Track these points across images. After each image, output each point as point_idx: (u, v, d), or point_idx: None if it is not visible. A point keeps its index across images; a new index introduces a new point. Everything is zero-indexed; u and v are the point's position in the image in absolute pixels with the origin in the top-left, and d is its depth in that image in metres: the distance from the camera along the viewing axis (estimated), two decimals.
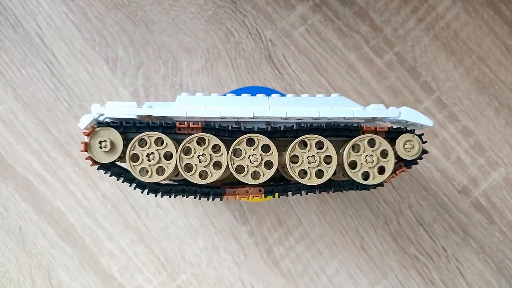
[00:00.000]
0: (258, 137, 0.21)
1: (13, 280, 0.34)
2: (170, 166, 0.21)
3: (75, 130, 0.34)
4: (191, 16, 0.35)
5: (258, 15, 0.35)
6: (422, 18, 0.36)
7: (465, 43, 0.36)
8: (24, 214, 0.34)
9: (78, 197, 0.34)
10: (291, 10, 0.35)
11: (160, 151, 0.21)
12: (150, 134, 0.21)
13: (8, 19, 0.35)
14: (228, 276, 0.34)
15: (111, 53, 0.35)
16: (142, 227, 0.34)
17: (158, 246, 0.34)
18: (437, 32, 0.36)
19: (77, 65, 0.35)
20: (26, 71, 0.35)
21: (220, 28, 0.35)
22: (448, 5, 0.36)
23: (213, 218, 0.35)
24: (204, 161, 0.21)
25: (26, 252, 0.34)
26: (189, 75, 0.35)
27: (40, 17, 0.35)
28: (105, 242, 0.34)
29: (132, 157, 0.21)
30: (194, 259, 0.34)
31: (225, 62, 0.35)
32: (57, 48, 0.35)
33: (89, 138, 0.21)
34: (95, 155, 0.21)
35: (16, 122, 0.34)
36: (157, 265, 0.34)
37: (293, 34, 0.35)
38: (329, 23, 0.35)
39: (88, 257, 0.34)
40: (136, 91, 0.35)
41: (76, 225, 0.34)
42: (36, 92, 0.35)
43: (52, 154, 0.34)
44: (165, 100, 0.35)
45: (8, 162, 0.34)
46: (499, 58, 0.35)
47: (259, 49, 0.35)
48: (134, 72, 0.35)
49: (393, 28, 0.36)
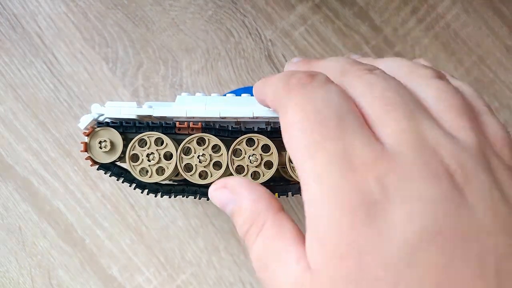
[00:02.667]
0: (258, 137, 0.21)
1: (13, 280, 0.34)
2: (170, 166, 0.21)
3: (75, 130, 0.34)
4: (191, 16, 0.35)
5: (258, 15, 0.35)
6: (422, 18, 0.36)
7: (465, 43, 0.36)
8: (24, 214, 0.34)
9: (78, 197, 0.34)
10: (291, 11, 0.35)
11: (160, 151, 0.21)
12: (150, 134, 0.21)
13: (8, 19, 0.35)
14: (228, 276, 0.34)
15: (111, 53, 0.35)
16: (142, 227, 0.34)
17: (158, 246, 0.34)
18: (437, 32, 0.36)
19: (77, 65, 0.35)
20: (26, 71, 0.35)
21: (220, 28, 0.35)
22: (448, 6, 0.36)
23: (213, 218, 0.35)
24: (204, 161, 0.21)
25: (26, 252, 0.34)
26: (189, 75, 0.35)
27: (40, 17, 0.35)
28: (105, 242, 0.34)
29: (132, 157, 0.21)
30: (194, 259, 0.34)
31: (225, 62, 0.35)
32: (57, 48, 0.35)
33: (89, 138, 0.21)
34: (95, 155, 0.21)
35: (16, 122, 0.34)
36: (157, 265, 0.34)
37: (293, 34, 0.35)
38: (329, 23, 0.35)
39: (88, 257, 0.34)
40: (136, 91, 0.35)
41: (76, 225, 0.34)
42: (36, 92, 0.35)
43: (52, 154, 0.34)
44: (165, 100, 0.35)
45: (8, 162, 0.34)
46: (499, 58, 0.35)
47: (259, 49, 0.35)
48: (134, 72, 0.35)
49: (393, 28, 0.36)
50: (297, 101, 0.14)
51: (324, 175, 0.12)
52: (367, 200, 0.12)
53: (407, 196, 0.11)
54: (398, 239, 0.11)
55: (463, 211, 0.11)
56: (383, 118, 0.13)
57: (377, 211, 0.11)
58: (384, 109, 0.13)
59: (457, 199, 0.12)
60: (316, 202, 0.12)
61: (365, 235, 0.11)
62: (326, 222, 0.12)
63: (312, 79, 0.14)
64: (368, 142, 0.12)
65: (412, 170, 0.12)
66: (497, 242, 0.11)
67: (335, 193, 0.12)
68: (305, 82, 0.14)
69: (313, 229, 0.13)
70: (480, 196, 0.12)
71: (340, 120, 0.13)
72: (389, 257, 0.11)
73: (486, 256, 0.11)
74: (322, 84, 0.14)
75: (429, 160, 0.12)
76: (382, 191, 0.12)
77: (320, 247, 0.12)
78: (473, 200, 0.12)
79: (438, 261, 0.11)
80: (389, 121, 0.13)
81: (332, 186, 0.12)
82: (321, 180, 0.12)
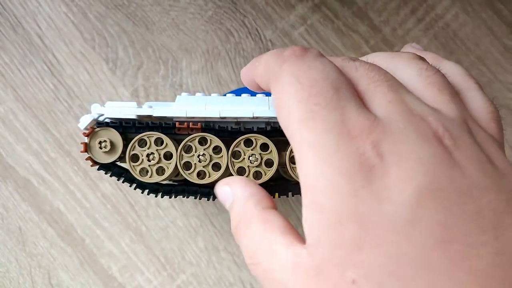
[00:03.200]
0: (255, 137, 0.21)
1: (13, 280, 0.34)
2: (170, 166, 0.21)
3: (75, 130, 0.35)
4: (191, 17, 0.35)
5: (258, 15, 0.35)
6: (421, 18, 0.36)
7: (464, 43, 0.36)
8: (24, 214, 0.34)
9: (78, 197, 0.34)
10: (291, 10, 0.36)
11: (160, 151, 0.21)
12: (149, 134, 0.21)
13: (8, 20, 0.35)
14: (228, 276, 0.34)
15: (111, 53, 0.35)
16: (142, 227, 0.34)
17: (158, 246, 0.34)
18: (436, 32, 0.36)
19: (77, 65, 0.35)
20: (26, 71, 0.35)
21: (220, 28, 0.35)
22: (447, 5, 0.36)
23: (213, 218, 0.35)
24: (203, 161, 0.21)
25: (26, 252, 0.34)
26: (189, 75, 0.35)
27: (40, 17, 0.35)
28: (105, 242, 0.34)
29: (132, 158, 0.21)
30: (194, 259, 0.34)
31: (225, 62, 0.35)
32: (57, 48, 0.35)
33: (88, 139, 0.21)
34: (95, 156, 0.21)
35: (16, 123, 0.35)
36: (157, 265, 0.34)
37: (293, 34, 0.35)
38: (328, 23, 0.36)
39: (88, 257, 0.34)
40: (136, 91, 0.35)
41: (76, 225, 0.34)
42: (36, 92, 0.35)
43: (52, 154, 0.34)
44: (165, 100, 0.35)
45: (8, 162, 0.34)
46: (498, 58, 0.36)
47: (259, 49, 0.35)
48: (134, 72, 0.35)
49: (392, 28, 0.36)
50: (292, 72, 0.14)
51: (322, 143, 0.12)
52: (365, 165, 0.12)
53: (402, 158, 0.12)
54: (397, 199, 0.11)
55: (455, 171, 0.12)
56: (370, 92, 0.14)
57: (375, 174, 0.12)
58: (370, 85, 0.14)
59: (448, 159, 0.12)
60: (313, 170, 0.12)
61: (365, 198, 0.12)
62: (324, 189, 0.12)
63: (307, 52, 0.15)
64: (362, 112, 0.13)
65: (404, 135, 0.12)
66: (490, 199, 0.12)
67: (333, 160, 0.12)
68: (299, 53, 0.15)
69: (310, 199, 0.13)
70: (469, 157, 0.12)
71: (336, 90, 0.13)
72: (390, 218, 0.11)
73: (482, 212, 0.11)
74: (317, 56, 0.15)
75: (418, 126, 0.13)
76: (378, 156, 0.12)
77: (319, 215, 0.12)
78: (463, 161, 0.12)
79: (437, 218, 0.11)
80: (376, 94, 0.14)
81: (330, 153, 0.12)
82: (319, 148, 0.12)
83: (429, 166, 0.12)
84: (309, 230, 0.13)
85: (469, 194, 0.12)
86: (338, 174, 0.12)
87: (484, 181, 0.12)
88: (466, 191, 0.12)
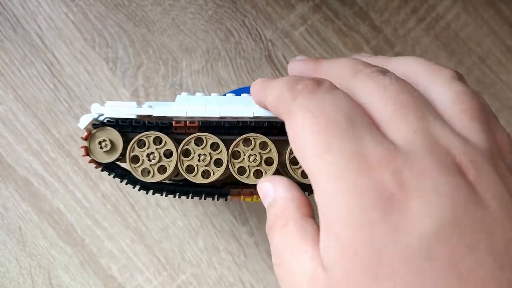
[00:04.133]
0: (254, 136, 0.21)
1: (13, 280, 0.34)
2: (171, 164, 0.21)
3: (75, 130, 0.34)
4: (191, 17, 0.35)
5: (258, 15, 0.35)
6: (422, 18, 0.36)
7: (465, 43, 0.36)
8: (24, 214, 0.34)
9: (78, 197, 0.34)
10: (291, 10, 0.35)
11: (159, 150, 0.21)
12: (147, 134, 0.21)
13: (8, 20, 0.35)
14: (228, 276, 0.34)
15: (111, 54, 0.35)
16: (142, 227, 0.34)
17: (158, 246, 0.34)
18: (437, 32, 0.36)
19: (77, 65, 0.35)
20: (26, 71, 0.35)
21: (220, 28, 0.35)
22: (448, 5, 0.36)
23: (213, 218, 0.35)
24: (204, 160, 0.21)
25: (26, 252, 0.34)
26: (189, 75, 0.35)
27: (40, 17, 0.35)
28: (105, 242, 0.34)
29: (133, 159, 0.21)
30: (194, 259, 0.34)
31: (225, 62, 0.35)
32: (57, 49, 0.35)
33: (88, 142, 0.21)
34: (97, 156, 0.21)
35: (16, 123, 0.35)
36: (157, 265, 0.34)
37: (293, 34, 0.35)
38: (329, 23, 0.35)
39: (88, 257, 0.34)
40: (136, 91, 0.35)
41: (76, 225, 0.34)
42: (36, 93, 0.35)
43: (52, 155, 0.34)
44: (165, 100, 0.35)
45: (8, 162, 0.34)
46: (500, 58, 0.35)
47: (259, 49, 0.35)
48: (134, 72, 0.35)
49: (393, 28, 0.36)
50: (306, 106, 0.14)
51: (340, 174, 0.12)
52: (384, 195, 0.12)
53: (424, 190, 0.12)
54: (416, 232, 0.11)
55: (477, 205, 0.12)
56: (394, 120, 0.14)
57: (394, 205, 0.12)
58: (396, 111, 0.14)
59: (470, 194, 0.12)
60: (331, 200, 0.13)
61: (383, 229, 0.12)
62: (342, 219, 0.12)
63: (319, 85, 0.15)
64: (380, 141, 0.13)
65: (427, 166, 0.12)
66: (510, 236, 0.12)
67: (352, 191, 0.12)
68: (312, 88, 0.14)
69: (328, 227, 0.13)
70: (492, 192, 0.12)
71: (351, 122, 0.13)
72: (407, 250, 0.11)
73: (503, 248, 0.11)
74: (329, 89, 0.14)
75: (442, 158, 0.12)
76: (399, 186, 0.12)
77: (335, 243, 0.12)
78: (485, 196, 0.12)
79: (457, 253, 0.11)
80: (400, 123, 0.13)
81: (348, 184, 0.12)
82: (337, 179, 0.12)
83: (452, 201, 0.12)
84: (325, 254, 0.13)
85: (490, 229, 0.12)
86: (357, 206, 0.12)
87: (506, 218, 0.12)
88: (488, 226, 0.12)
